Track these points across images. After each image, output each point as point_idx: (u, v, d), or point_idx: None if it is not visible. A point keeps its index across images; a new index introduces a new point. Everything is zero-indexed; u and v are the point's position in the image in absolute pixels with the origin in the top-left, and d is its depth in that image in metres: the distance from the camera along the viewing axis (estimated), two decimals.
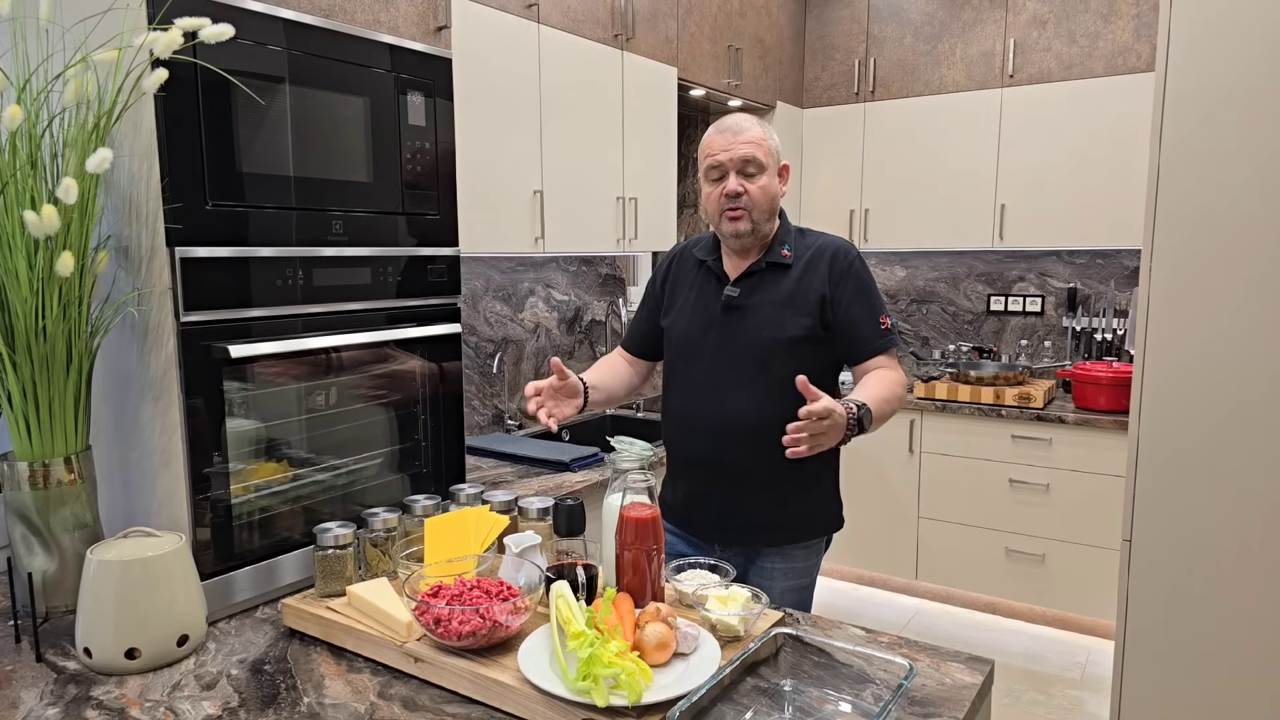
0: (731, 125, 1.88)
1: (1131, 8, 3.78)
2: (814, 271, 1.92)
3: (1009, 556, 3.92)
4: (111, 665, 1.37)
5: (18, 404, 1.49)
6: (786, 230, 1.98)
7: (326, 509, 1.80)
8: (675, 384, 2.03)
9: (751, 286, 1.93)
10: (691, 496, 2.01)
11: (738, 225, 1.88)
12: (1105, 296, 4.19)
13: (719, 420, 1.92)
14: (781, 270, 1.93)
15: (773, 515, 1.95)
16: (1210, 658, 2.13)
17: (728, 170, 1.87)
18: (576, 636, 1.21)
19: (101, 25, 1.49)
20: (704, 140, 1.92)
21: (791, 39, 4.48)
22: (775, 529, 1.96)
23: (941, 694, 1.30)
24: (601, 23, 3.12)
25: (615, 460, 1.61)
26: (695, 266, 2.04)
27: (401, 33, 2.35)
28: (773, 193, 1.90)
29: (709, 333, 1.94)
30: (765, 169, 1.88)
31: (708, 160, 1.89)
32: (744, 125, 1.88)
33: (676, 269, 2.09)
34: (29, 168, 1.45)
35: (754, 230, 1.90)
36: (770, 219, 1.93)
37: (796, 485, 1.94)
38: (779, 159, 1.93)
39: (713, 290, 1.97)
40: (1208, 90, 2.03)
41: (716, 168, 1.88)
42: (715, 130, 1.90)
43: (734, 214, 1.87)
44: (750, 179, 1.87)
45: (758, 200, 1.87)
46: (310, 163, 1.71)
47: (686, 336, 1.99)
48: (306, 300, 1.71)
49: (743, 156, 1.85)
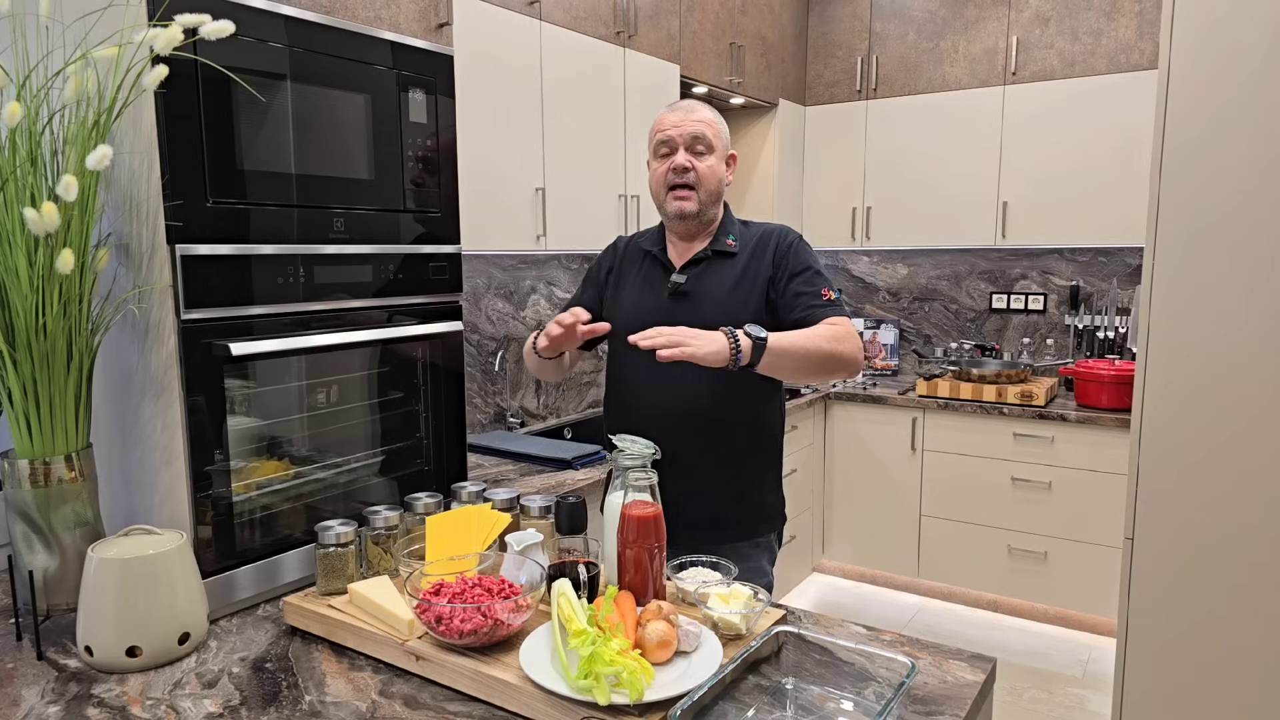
0: (685, 104, 1.94)
1: (1134, 5, 3.77)
2: (759, 258, 1.93)
3: (1011, 554, 3.92)
4: (113, 663, 1.37)
5: (18, 402, 1.48)
6: (731, 220, 2.01)
7: (328, 507, 1.80)
8: (620, 375, 2.03)
9: (698, 274, 1.94)
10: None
11: (683, 205, 1.90)
12: (1108, 294, 4.19)
13: (667, 411, 1.89)
14: (728, 258, 1.95)
15: (724, 511, 1.93)
16: (1212, 655, 2.12)
17: (678, 145, 1.89)
18: (578, 635, 1.20)
19: (102, 22, 1.49)
20: (656, 118, 1.95)
21: (794, 36, 4.47)
22: (727, 525, 1.94)
23: (943, 692, 1.30)
24: (604, 20, 3.12)
25: (617, 458, 1.60)
26: (641, 257, 2.05)
27: (403, 29, 2.35)
28: (719, 176, 1.93)
29: (655, 321, 1.82)
30: (714, 150, 1.91)
31: (658, 135, 1.92)
32: (696, 106, 1.93)
33: (623, 258, 2.09)
34: (29, 165, 1.45)
35: (699, 212, 1.92)
36: (715, 203, 1.95)
37: (748, 477, 1.95)
38: (728, 147, 1.96)
39: (659, 278, 1.99)
40: (1210, 88, 2.02)
41: (667, 143, 1.91)
42: (668, 109, 1.94)
43: (681, 193, 1.90)
44: (699, 157, 1.90)
45: (705, 179, 1.90)
46: (311, 160, 1.70)
47: (631, 326, 1.90)
48: (308, 298, 1.71)
49: (694, 133, 1.88)
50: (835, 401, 4.30)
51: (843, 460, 4.32)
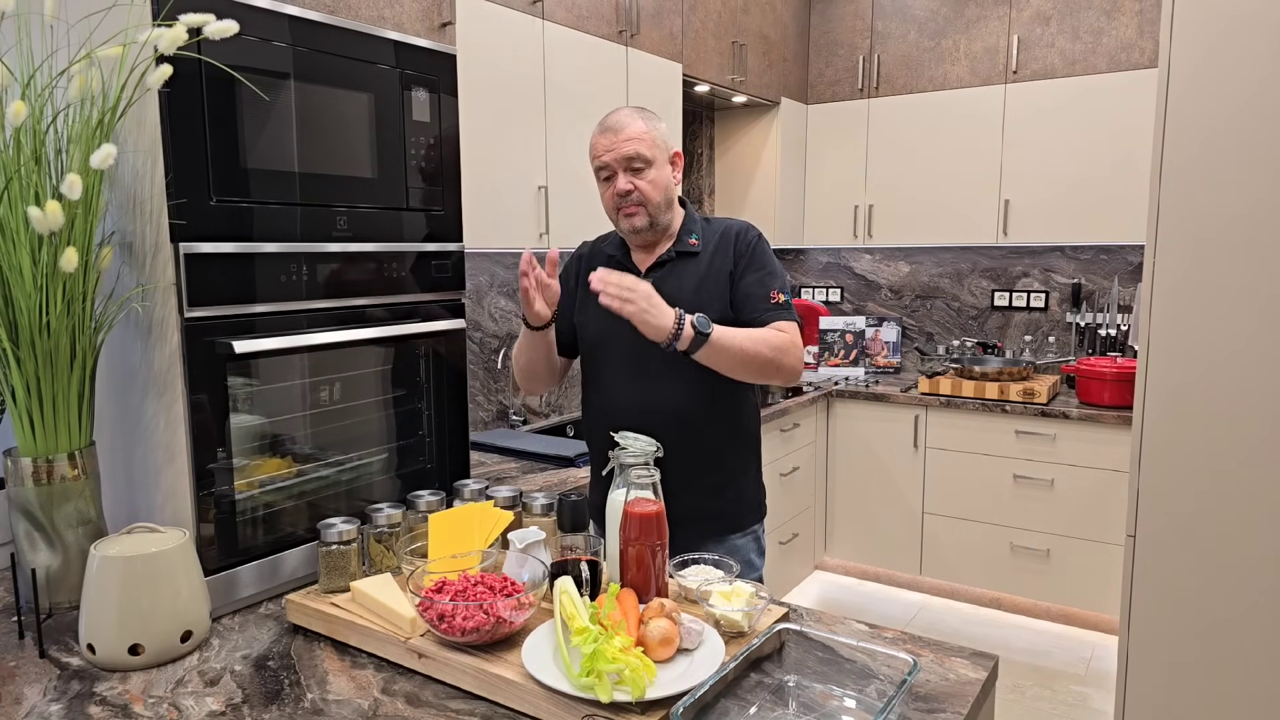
0: (613, 124, 1.89)
1: (1134, 4, 3.77)
2: (721, 254, 1.94)
3: (1013, 552, 3.92)
4: (115, 661, 1.37)
5: (21, 400, 1.49)
6: (693, 219, 2.00)
7: (330, 504, 1.80)
8: (594, 380, 2.04)
9: (663, 277, 1.94)
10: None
11: (634, 221, 1.90)
12: (1109, 292, 4.18)
13: (643, 412, 1.89)
14: (691, 258, 1.95)
15: (706, 505, 1.95)
16: (1214, 653, 2.12)
17: (615, 170, 1.88)
18: (580, 632, 1.20)
19: (106, 21, 1.49)
20: (590, 141, 1.93)
21: (796, 35, 4.47)
22: (712, 519, 1.96)
23: (946, 689, 1.30)
24: (606, 19, 3.12)
25: (619, 456, 1.61)
26: (604, 262, 2.02)
27: (406, 29, 2.35)
28: (664, 184, 1.91)
29: (625, 325, 1.83)
30: (652, 163, 1.88)
31: (595, 161, 1.91)
32: (624, 123, 1.88)
33: (587, 266, 2.06)
34: (33, 163, 1.45)
35: (651, 224, 1.91)
36: (668, 210, 1.94)
37: (726, 472, 1.96)
38: (668, 148, 1.93)
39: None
40: (1210, 86, 2.02)
41: (604, 168, 1.90)
42: (599, 130, 1.91)
43: (629, 210, 1.89)
44: (638, 174, 1.88)
45: (649, 195, 1.88)
46: (315, 158, 1.70)
47: (601, 331, 1.96)
48: (311, 296, 1.71)
49: (626, 155, 1.86)
50: (837, 399, 4.30)
51: (845, 458, 4.32)
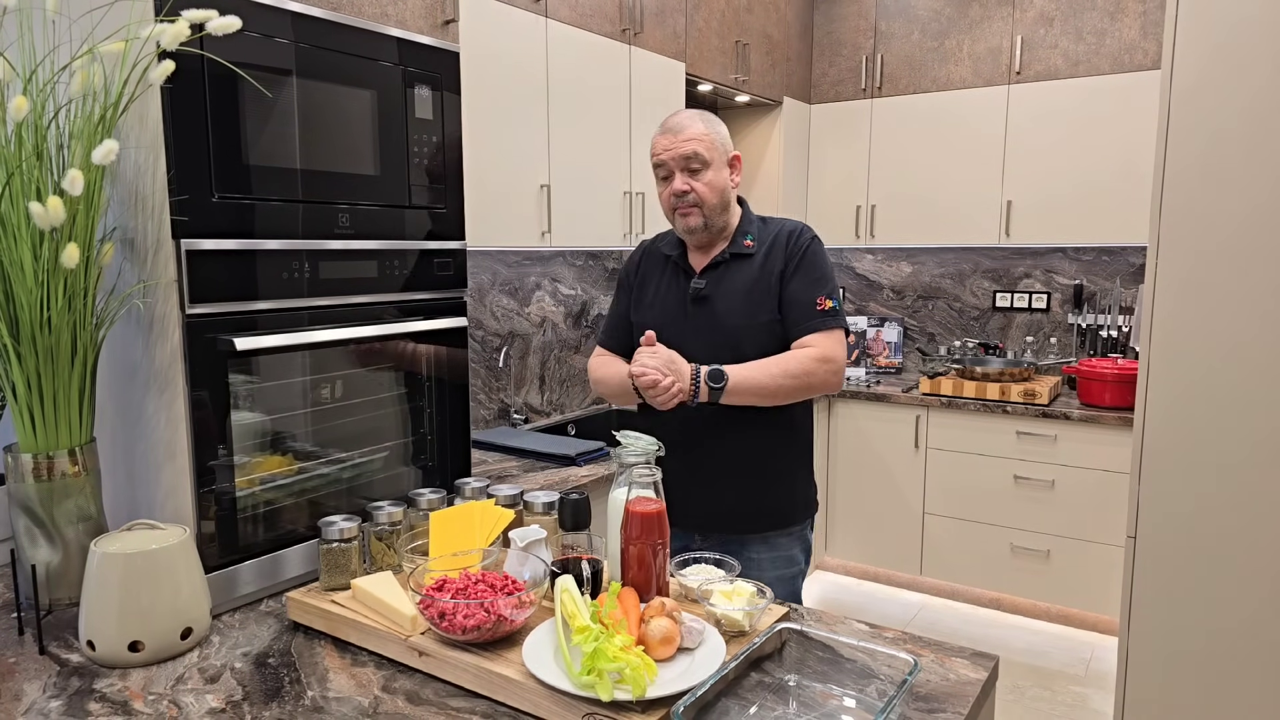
0: (674, 125, 1.93)
1: (1138, 5, 3.76)
2: (774, 256, 1.96)
3: (1014, 552, 3.92)
4: (115, 658, 1.37)
5: (22, 396, 1.49)
6: (749, 220, 2.02)
7: (331, 502, 1.80)
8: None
9: (717, 278, 1.97)
10: (669, 488, 1.98)
11: (689, 221, 1.94)
12: (1111, 293, 4.18)
13: (693, 409, 1.91)
14: (746, 260, 1.97)
15: (753, 502, 1.97)
16: (1214, 654, 2.12)
17: (672, 169, 1.92)
18: (581, 631, 1.20)
19: (108, 17, 1.49)
20: (651, 140, 1.97)
21: (799, 35, 4.46)
22: (758, 515, 1.98)
23: (946, 689, 1.30)
24: (609, 17, 3.11)
25: (621, 455, 1.61)
26: (662, 261, 2.08)
27: (409, 26, 2.35)
28: (721, 186, 1.94)
29: (679, 324, 1.97)
30: (710, 164, 1.91)
31: (653, 159, 1.96)
32: (685, 124, 1.92)
33: (645, 265, 2.12)
34: (35, 159, 1.45)
35: (706, 225, 1.95)
36: (723, 212, 1.97)
37: (775, 469, 1.97)
38: (726, 151, 1.96)
39: (680, 283, 2.02)
40: (1213, 88, 2.02)
41: (661, 167, 1.94)
42: (660, 130, 1.96)
43: (685, 211, 1.93)
44: (695, 175, 1.91)
45: (705, 196, 1.91)
46: (317, 155, 1.70)
47: (657, 329, 1.98)
48: (312, 293, 1.71)
49: (684, 155, 1.90)
50: (839, 399, 4.30)
51: (846, 458, 4.32)
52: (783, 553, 2.01)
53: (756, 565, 1.98)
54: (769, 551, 1.99)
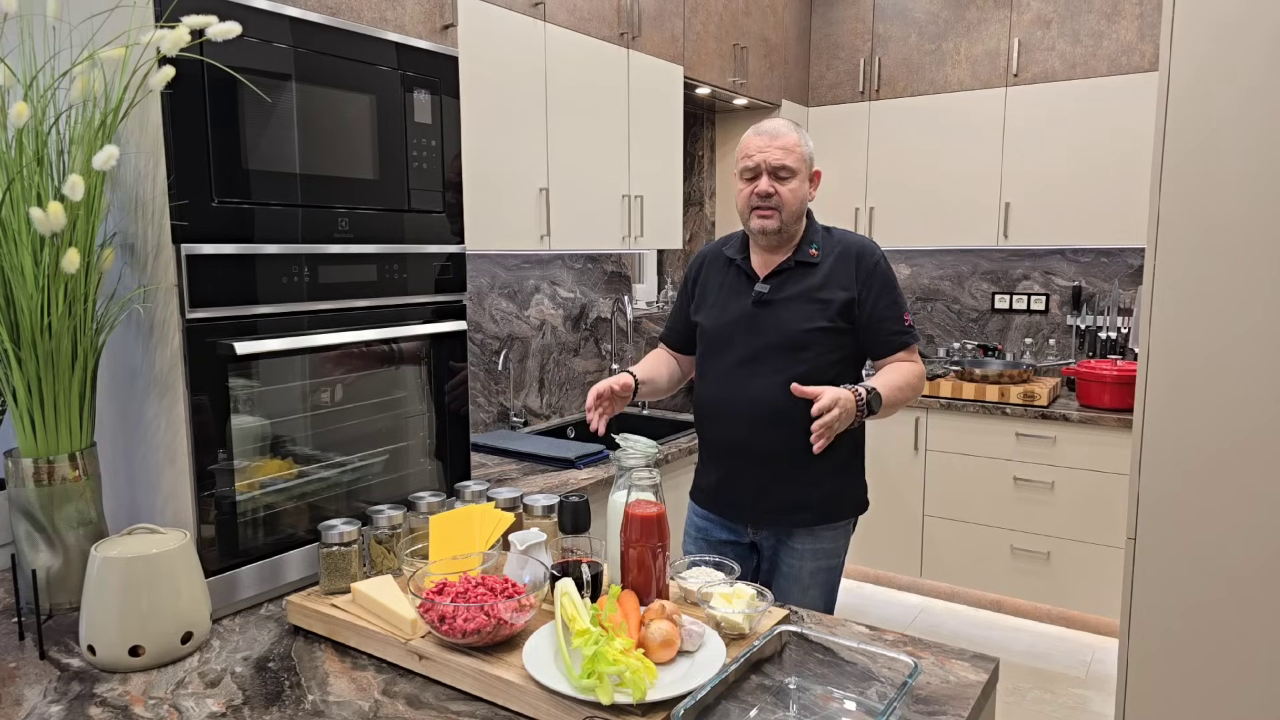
0: (770, 129, 1.99)
1: (1135, 7, 3.77)
2: (841, 269, 2.03)
3: (1014, 554, 3.92)
4: (115, 663, 1.37)
5: (23, 400, 1.49)
6: (815, 230, 2.09)
7: (331, 506, 1.80)
8: (708, 375, 2.12)
9: (780, 283, 2.03)
10: (725, 481, 2.10)
11: (766, 223, 1.99)
12: (1109, 295, 4.18)
13: (750, 407, 2.00)
14: (809, 268, 2.03)
15: (803, 496, 2.03)
16: (1215, 656, 2.12)
17: (761, 171, 1.97)
18: (581, 634, 1.20)
19: (109, 23, 1.49)
20: (743, 139, 2.02)
21: (797, 38, 4.47)
22: (806, 510, 2.05)
23: (946, 692, 1.30)
24: (608, 21, 3.12)
25: (621, 457, 1.61)
26: (726, 265, 2.13)
27: (408, 31, 2.35)
28: (802, 197, 2.01)
29: (740, 326, 2.04)
30: (796, 174, 1.98)
31: (743, 160, 2.00)
32: (781, 130, 1.99)
33: (708, 267, 2.18)
34: (35, 164, 1.45)
35: (780, 230, 2.00)
36: (798, 221, 2.04)
37: (826, 467, 2.02)
38: (811, 166, 2.04)
39: (743, 287, 2.07)
40: (1210, 89, 2.02)
41: (751, 168, 1.98)
42: (754, 131, 2.01)
43: (764, 213, 1.98)
44: (782, 181, 1.97)
45: (787, 202, 1.98)
46: (316, 160, 1.71)
47: (718, 330, 2.08)
48: (312, 297, 1.71)
49: (776, 160, 1.96)
50: None
51: None
52: (826, 544, 2.08)
53: (799, 555, 2.06)
54: (813, 543, 2.07)
